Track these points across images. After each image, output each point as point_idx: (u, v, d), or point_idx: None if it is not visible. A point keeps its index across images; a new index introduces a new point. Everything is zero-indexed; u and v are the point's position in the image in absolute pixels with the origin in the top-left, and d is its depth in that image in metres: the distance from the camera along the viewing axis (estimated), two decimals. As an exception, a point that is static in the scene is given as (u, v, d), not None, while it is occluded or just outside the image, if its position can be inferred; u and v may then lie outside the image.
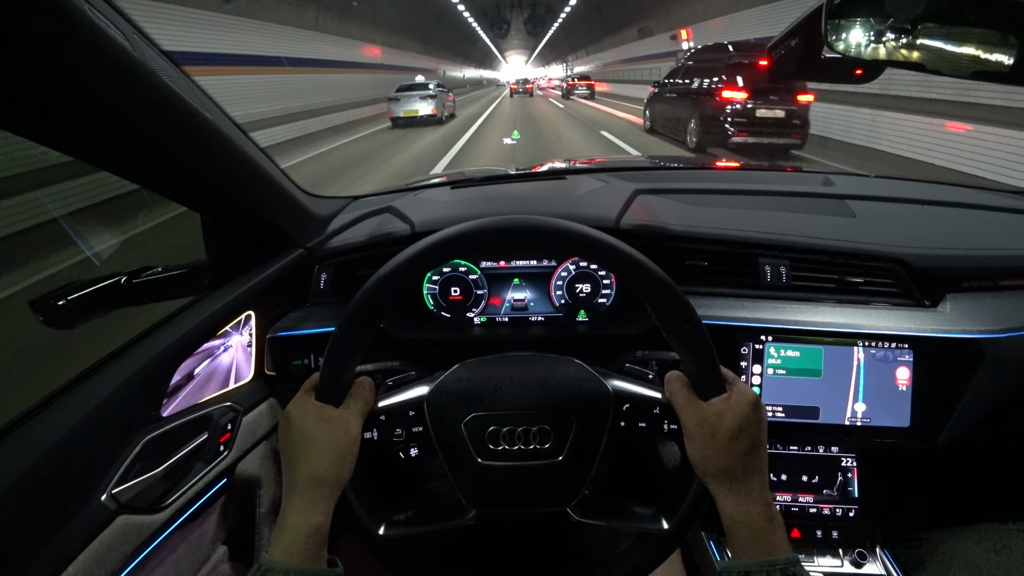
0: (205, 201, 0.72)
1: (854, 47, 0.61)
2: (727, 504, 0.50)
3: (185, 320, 0.69)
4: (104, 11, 0.45)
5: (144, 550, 0.61)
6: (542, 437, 0.54)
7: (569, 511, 0.55)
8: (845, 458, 0.86)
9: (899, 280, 0.82)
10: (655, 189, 0.99)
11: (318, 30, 14.59)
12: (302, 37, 13.42)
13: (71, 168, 4.56)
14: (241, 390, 0.80)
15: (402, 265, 0.51)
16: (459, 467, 0.55)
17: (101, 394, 0.57)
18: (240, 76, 10.10)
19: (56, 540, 0.52)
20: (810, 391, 0.78)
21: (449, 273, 0.87)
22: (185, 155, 0.60)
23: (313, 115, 12.66)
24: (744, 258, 0.85)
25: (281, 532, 0.49)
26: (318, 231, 0.92)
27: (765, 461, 0.52)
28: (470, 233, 0.51)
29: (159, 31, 1.84)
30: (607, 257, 0.51)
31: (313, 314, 0.87)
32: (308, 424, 0.52)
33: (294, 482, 0.51)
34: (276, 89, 11.37)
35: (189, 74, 0.58)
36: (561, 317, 0.87)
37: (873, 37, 0.58)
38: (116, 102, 0.49)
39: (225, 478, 0.75)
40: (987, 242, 0.87)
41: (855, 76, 0.67)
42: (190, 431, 0.68)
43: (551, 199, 0.97)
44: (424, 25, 28.36)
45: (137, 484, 0.60)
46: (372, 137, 12.25)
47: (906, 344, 0.76)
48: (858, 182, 1.20)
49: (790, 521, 0.84)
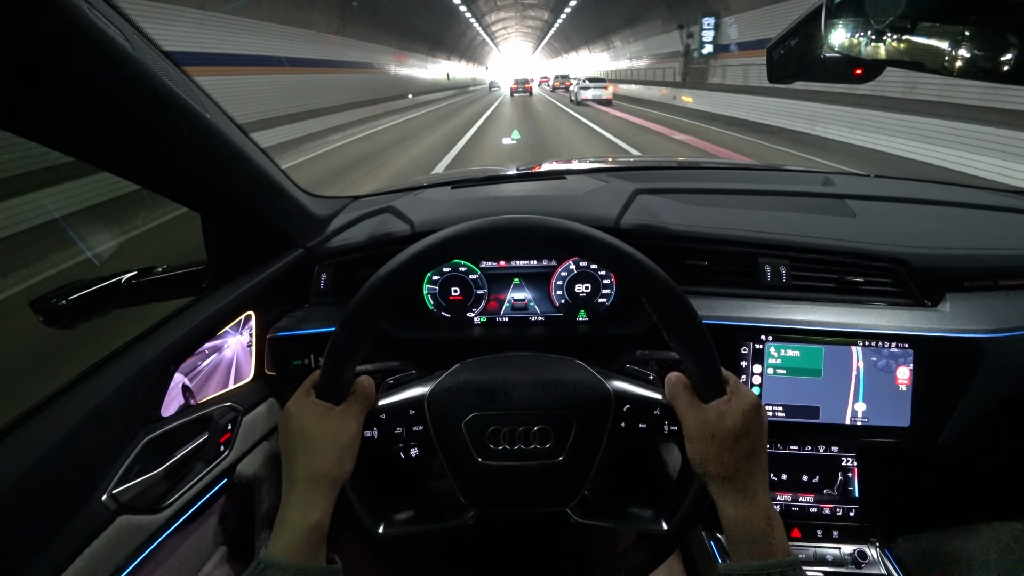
0: (205, 201, 0.72)
1: (854, 47, 0.61)
2: (727, 506, 0.50)
3: (185, 320, 0.69)
4: (104, 11, 0.45)
5: (144, 550, 0.61)
6: (542, 437, 0.54)
7: (569, 511, 0.55)
8: (845, 458, 0.86)
9: (899, 280, 0.82)
10: (655, 189, 0.99)
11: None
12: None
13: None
14: (241, 390, 0.80)
15: (402, 265, 0.51)
16: (459, 467, 0.55)
17: (101, 394, 0.57)
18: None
19: (56, 540, 0.52)
20: (810, 391, 0.78)
21: (449, 273, 0.87)
22: (185, 155, 0.60)
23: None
24: (744, 258, 0.85)
25: (280, 529, 0.49)
26: (318, 231, 0.92)
27: (765, 463, 0.52)
28: (470, 233, 0.51)
29: (159, 31, 1.81)
30: (607, 257, 0.51)
31: (313, 314, 0.87)
32: (308, 421, 0.52)
33: (294, 479, 0.51)
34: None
35: (189, 74, 0.58)
36: (561, 317, 0.87)
37: (873, 37, 0.58)
38: (116, 102, 0.49)
39: (225, 478, 0.75)
40: (987, 242, 0.87)
41: (855, 76, 0.67)
42: (190, 431, 0.68)
43: (551, 199, 0.97)
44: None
45: (137, 484, 0.60)
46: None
47: (906, 344, 0.76)
48: (858, 182, 1.20)
49: (790, 521, 0.84)
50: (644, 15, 23.38)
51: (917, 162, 6.84)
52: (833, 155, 7.67)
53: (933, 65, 0.54)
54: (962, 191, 1.11)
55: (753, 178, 1.31)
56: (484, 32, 60.76)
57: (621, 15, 26.94)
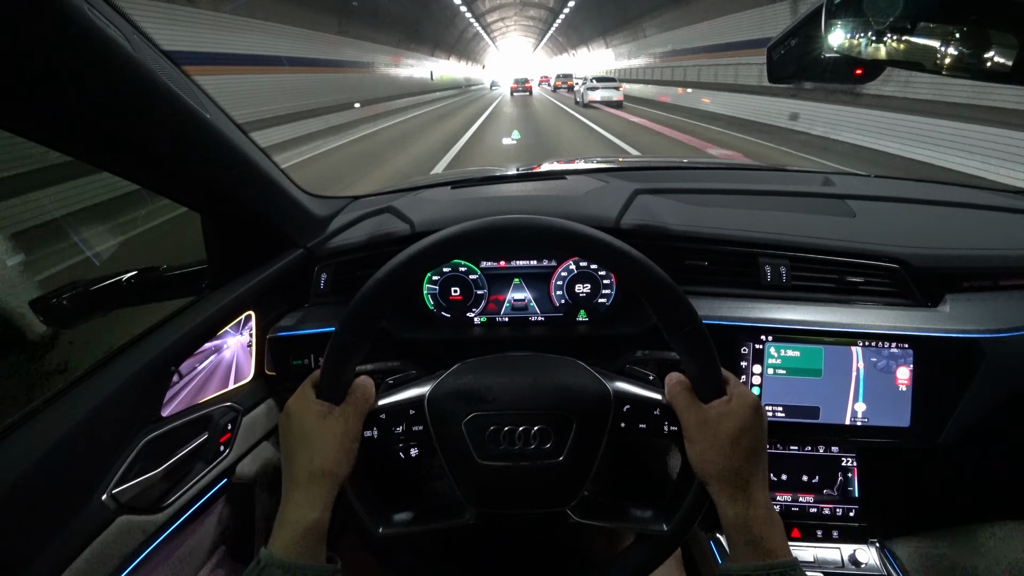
0: (205, 201, 0.72)
1: (853, 47, 0.61)
2: (727, 507, 0.50)
3: (185, 320, 0.69)
4: (104, 11, 0.45)
5: (144, 550, 0.61)
6: (542, 437, 0.54)
7: (568, 512, 0.55)
8: (845, 458, 0.86)
9: (899, 280, 0.82)
10: (655, 189, 0.99)
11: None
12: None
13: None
14: (241, 390, 0.80)
15: (402, 265, 0.51)
16: (459, 467, 0.55)
17: (101, 394, 0.57)
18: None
19: (56, 540, 0.52)
20: (810, 391, 0.78)
21: (449, 273, 0.87)
22: (185, 155, 0.60)
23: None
24: (744, 258, 0.85)
25: (280, 527, 0.49)
26: (318, 231, 0.92)
27: (765, 464, 0.52)
28: (470, 233, 0.51)
29: (159, 31, 1.78)
30: (607, 257, 0.51)
31: (313, 314, 0.87)
32: (308, 420, 0.52)
33: (293, 478, 0.51)
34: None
35: (189, 74, 0.59)
36: (561, 317, 0.87)
37: (873, 37, 0.58)
38: (116, 102, 0.49)
39: (225, 478, 0.75)
40: (987, 242, 0.87)
41: (855, 76, 0.67)
42: (190, 431, 0.68)
43: (551, 199, 0.97)
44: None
45: (137, 484, 0.60)
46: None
47: (906, 344, 0.76)
48: (858, 182, 1.20)
49: (790, 521, 0.84)
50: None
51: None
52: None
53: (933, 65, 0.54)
54: (962, 191, 1.11)
55: (753, 178, 1.31)
56: (480, 27, 55.22)
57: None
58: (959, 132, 6.47)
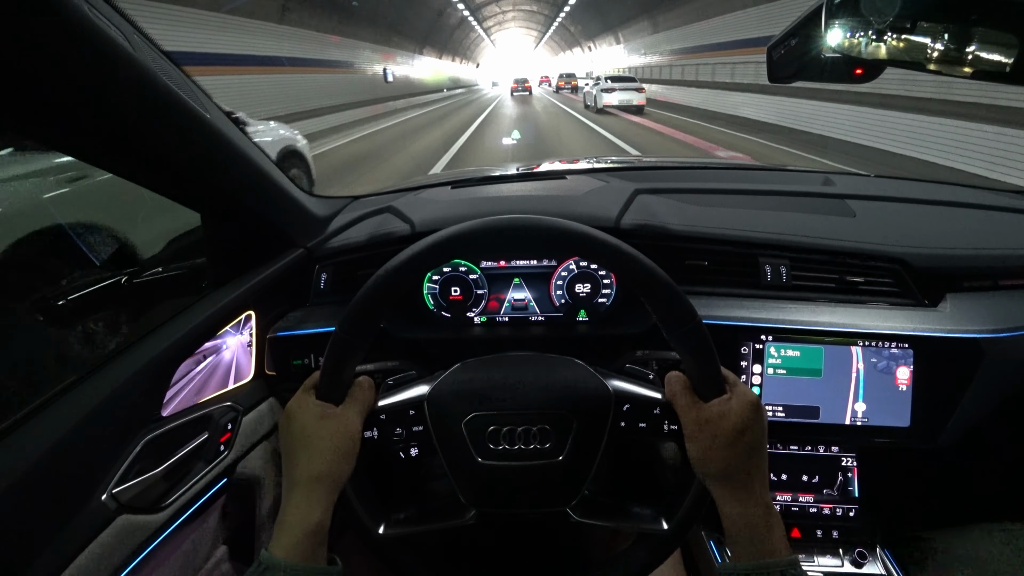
0: (205, 201, 0.72)
1: (853, 47, 0.61)
2: (727, 505, 0.50)
3: (185, 320, 0.69)
4: (104, 11, 0.45)
5: (144, 550, 0.61)
6: (542, 437, 0.54)
7: (569, 511, 0.55)
8: (845, 458, 0.86)
9: (899, 280, 0.82)
10: (655, 189, 0.99)
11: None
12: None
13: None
14: (241, 390, 0.80)
15: (402, 264, 0.51)
16: (459, 467, 0.55)
17: (101, 394, 0.57)
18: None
19: (56, 540, 0.52)
20: (810, 391, 0.78)
21: (449, 273, 0.87)
22: (185, 155, 0.60)
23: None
24: (744, 258, 0.85)
25: (281, 529, 0.49)
26: (318, 231, 0.92)
27: (765, 463, 0.52)
28: (470, 233, 0.51)
29: (159, 31, 1.77)
30: (607, 257, 0.51)
31: (313, 314, 0.87)
32: (308, 422, 0.52)
33: (294, 480, 0.51)
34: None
35: (189, 74, 0.59)
36: (561, 317, 0.87)
37: (873, 37, 0.58)
38: (116, 102, 0.49)
39: (225, 478, 0.75)
40: (987, 242, 0.87)
41: (855, 76, 0.67)
42: (190, 431, 0.68)
43: (551, 199, 0.97)
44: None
45: (137, 484, 0.60)
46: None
47: (906, 344, 0.76)
48: (858, 182, 1.20)
49: (790, 521, 0.84)
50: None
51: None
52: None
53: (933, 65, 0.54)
54: (962, 191, 1.11)
55: (753, 178, 1.31)
56: (474, 20, 50.44)
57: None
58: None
